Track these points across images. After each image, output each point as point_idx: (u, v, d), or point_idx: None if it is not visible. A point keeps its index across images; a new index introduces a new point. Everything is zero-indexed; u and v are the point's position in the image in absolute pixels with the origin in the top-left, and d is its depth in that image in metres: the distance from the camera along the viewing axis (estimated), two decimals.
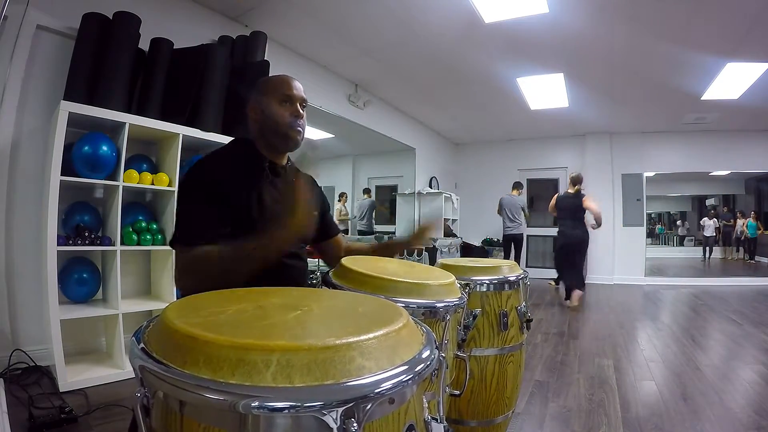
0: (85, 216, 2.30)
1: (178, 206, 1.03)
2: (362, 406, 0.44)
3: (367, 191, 6.91)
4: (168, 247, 2.42)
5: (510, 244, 6.03)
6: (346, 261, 1.00)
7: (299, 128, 1.10)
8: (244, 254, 0.91)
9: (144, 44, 2.48)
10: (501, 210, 5.98)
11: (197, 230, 0.96)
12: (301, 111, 1.11)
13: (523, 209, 5.97)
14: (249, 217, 1.02)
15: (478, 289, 1.44)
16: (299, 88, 1.12)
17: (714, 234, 11.05)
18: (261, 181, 1.08)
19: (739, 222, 10.11)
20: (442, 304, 0.88)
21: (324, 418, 0.42)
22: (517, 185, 6.12)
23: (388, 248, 1.39)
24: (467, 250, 6.25)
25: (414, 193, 6.24)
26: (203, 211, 0.97)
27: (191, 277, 0.94)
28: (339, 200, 6.69)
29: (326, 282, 0.96)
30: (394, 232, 6.32)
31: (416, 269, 1.12)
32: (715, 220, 11.10)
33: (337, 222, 1.77)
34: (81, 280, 2.28)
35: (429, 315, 0.86)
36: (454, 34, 3.52)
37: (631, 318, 4.12)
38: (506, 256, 5.99)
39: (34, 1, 2.20)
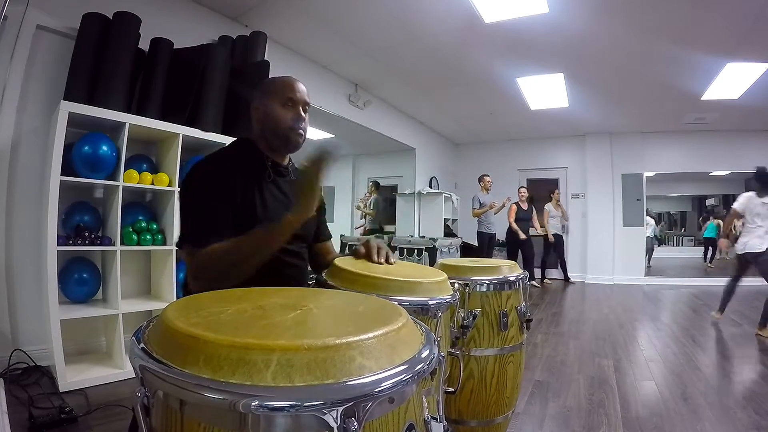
0: (85, 216, 2.30)
1: (186, 205, 1.03)
2: (362, 405, 0.44)
3: (376, 185, 6.76)
4: (167, 247, 2.42)
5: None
6: (338, 261, 1.01)
7: (301, 131, 1.10)
8: (257, 242, 0.93)
9: (144, 44, 2.48)
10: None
11: (210, 228, 0.96)
12: (303, 114, 1.11)
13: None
14: (252, 216, 1.03)
15: (478, 289, 1.44)
16: (303, 90, 1.11)
17: (652, 235, 10.83)
18: (263, 181, 1.09)
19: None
20: (433, 301, 0.88)
21: (324, 418, 0.42)
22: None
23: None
24: (467, 250, 6.25)
25: (414, 193, 6.24)
26: (214, 208, 0.98)
27: (208, 277, 0.93)
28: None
29: (320, 282, 0.97)
30: (394, 232, 6.33)
31: (408, 268, 1.12)
32: (653, 220, 10.88)
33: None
34: (81, 280, 2.28)
35: (420, 312, 0.86)
36: (454, 34, 3.52)
37: (631, 318, 4.12)
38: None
39: (34, 1, 2.20)
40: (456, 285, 1.16)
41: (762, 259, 3.18)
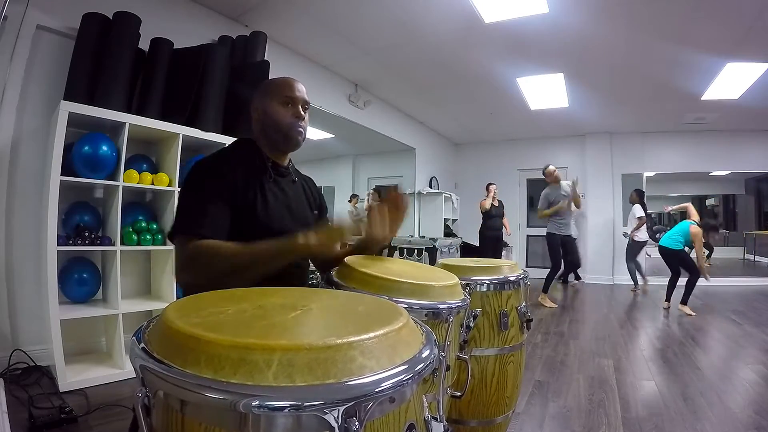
0: (85, 216, 2.30)
1: (183, 198, 1.03)
2: (363, 405, 0.44)
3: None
4: (168, 247, 2.42)
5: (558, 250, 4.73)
6: (349, 260, 1.00)
7: (300, 129, 1.11)
8: (262, 255, 0.91)
9: (144, 44, 2.48)
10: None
11: (202, 219, 0.96)
12: (302, 113, 1.12)
13: (574, 186, 4.59)
14: (252, 216, 1.03)
15: (478, 289, 1.43)
16: (302, 90, 1.13)
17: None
18: (264, 181, 1.09)
19: None
20: (445, 306, 0.88)
21: (325, 417, 0.42)
22: (548, 175, 4.74)
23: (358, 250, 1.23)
24: (467, 250, 6.24)
25: (414, 193, 6.24)
26: (210, 202, 0.98)
27: (195, 271, 0.93)
28: (349, 201, 6.64)
29: (329, 281, 0.96)
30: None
31: (419, 270, 1.11)
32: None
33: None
34: (81, 280, 2.28)
35: (432, 317, 0.86)
36: (454, 35, 3.52)
37: (631, 318, 4.13)
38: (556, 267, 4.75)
39: (34, 1, 2.20)
40: None
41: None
